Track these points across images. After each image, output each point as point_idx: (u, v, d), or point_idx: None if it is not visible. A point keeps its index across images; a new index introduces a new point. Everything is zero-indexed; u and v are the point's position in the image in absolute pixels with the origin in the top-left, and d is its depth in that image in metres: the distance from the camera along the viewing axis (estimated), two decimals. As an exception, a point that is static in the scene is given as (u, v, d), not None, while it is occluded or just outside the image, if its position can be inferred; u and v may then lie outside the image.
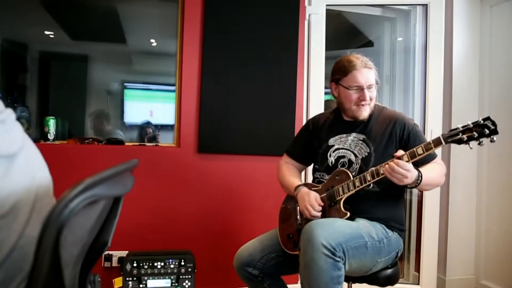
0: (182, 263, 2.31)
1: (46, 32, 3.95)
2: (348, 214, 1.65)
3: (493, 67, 2.85)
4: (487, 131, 1.43)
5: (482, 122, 1.44)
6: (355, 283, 1.78)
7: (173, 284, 2.28)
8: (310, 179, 2.13)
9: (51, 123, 2.45)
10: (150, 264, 2.27)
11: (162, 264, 2.29)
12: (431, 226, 2.82)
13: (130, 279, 2.24)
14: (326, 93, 2.85)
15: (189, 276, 2.31)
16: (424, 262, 2.81)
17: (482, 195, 2.89)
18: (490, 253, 2.83)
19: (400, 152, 1.56)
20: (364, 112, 1.76)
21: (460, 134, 1.48)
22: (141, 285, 2.25)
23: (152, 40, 4.20)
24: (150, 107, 4.29)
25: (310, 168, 2.14)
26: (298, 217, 1.80)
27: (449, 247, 2.89)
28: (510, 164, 2.69)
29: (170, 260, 2.30)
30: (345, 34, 4.00)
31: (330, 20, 2.90)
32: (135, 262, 2.26)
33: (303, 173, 2.59)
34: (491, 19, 2.86)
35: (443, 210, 2.88)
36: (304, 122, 2.48)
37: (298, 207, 1.80)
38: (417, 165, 1.60)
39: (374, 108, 1.81)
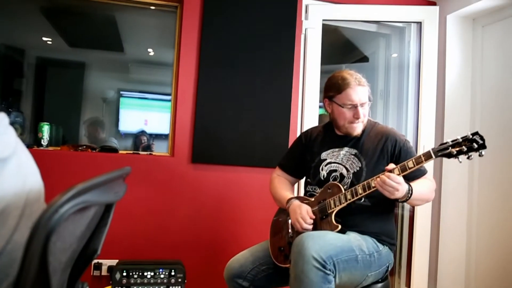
0: (172, 273, 2.29)
1: (44, 39, 3.96)
2: (340, 226, 1.65)
3: (484, 85, 2.89)
4: (475, 146, 1.45)
5: (471, 136, 1.47)
6: (345, 297, 1.77)
7: (163, 294, 2.26)
8: (302, 193, 2.13)
9: (45, 129, 2.45)
10: (140, 273, 2.25)
11: (152, 273, 2.27)
12: (422, 241, 2.83)
13: (119, 288, 2.22)
14: (320, 107, 2.87)
15: (179, 287, 2.29)
16: (414, 277, 2.81)
17: (472, 211, 2.91)
18: (480, 268, 2.84)
19: (391, 166, 1.57)
20: (358, 129, 1.77)
21: (450, 148, 1.50)
22: (130, 295, 2.22)
23: (149, 50, 4.22)
24: (145, 116, 4.29)
25: (302, 181, 2.14)
26: (290, 230, 1.80)
27: (439, 262, 2.89)
28: (500, 180, 2.72)
29: (160, 270, 2.28)
30: (341, 49, 4.04)
31: (327, 35, 2.93)
32: (124, 271, 2.23)
33: (296, 186, 2.60)
34: (483, 38, 2.92)
35: (434, 225, 2.89)
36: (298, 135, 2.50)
37: (289, 220, 1.79)
38: (408, 180, 1.61)
39: (366, 124, 1.82)
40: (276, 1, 2.69)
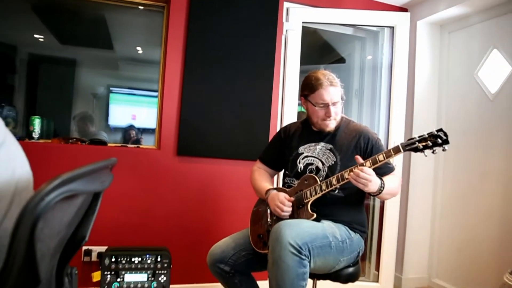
0: (159, 259, 2.29)
1: (36, 36, 3.87)
2: (315, 215, 1.67)
3: (450, 85, 2.96)
4: (440, 141, 1.49)
5: (435, 133, 1.51)
6: (319, 280, 1.80)
7: (149, 279, 2.26)
8: (281, 184, 2.14)
9: (37, 122, 2.40)
10: (128, 259, 2.24)
11: (140, 259, 2.26)
12: (391, 230, 2.88)
13: (108, 273, 2.20)
14: (299, 104, 2.88)
15: (165, 271, 2.29)
16: (383, 262, 2.86)
17: (437, 202, 2.98)
18: (441, 255, 2.92)
19: (361, 159, 1.60)
20: (330, 126, 1.79)
21: (417, 143, 1.54)
22: (118, 279, 2.21)
23: (138, 48, 4.17)
24: (133, 111, 4.24)
25: (281, 174, 2.15)
26: (269, 219, 1.81)
27: (406, 249, 2.96)
28: (462, 174, 2.79)
29: (147, 256, 2.27)
30: (320, 50, 4.06)
31: (306, 36, 2.94)
32: (113, 257, 2.22)
33: (275, 178, 2.62)
34: (449, 43, 2.98)
35: (402, 216, 2.96)
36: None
37: (268, 210, 1.81)
38: (378, 175, 1.63)
39: (341, 121, 1.84)
40: (259, 4, 2.68)
